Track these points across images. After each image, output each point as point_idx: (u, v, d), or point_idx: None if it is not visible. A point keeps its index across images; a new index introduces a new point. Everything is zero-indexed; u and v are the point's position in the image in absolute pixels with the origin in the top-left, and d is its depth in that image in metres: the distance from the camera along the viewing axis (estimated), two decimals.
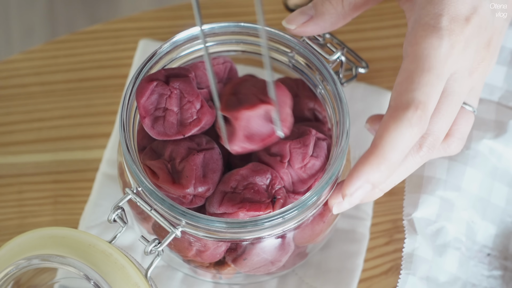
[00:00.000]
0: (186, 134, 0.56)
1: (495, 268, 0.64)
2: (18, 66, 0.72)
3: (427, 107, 0.51)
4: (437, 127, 0.53)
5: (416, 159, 0.54)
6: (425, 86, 0.51)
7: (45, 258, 0.51)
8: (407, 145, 0.51)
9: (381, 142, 0.51)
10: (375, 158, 0.51)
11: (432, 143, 0.53)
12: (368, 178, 0.51)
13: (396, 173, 0.54)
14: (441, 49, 0.52)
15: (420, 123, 0.51)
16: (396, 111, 0.51)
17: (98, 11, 1.33)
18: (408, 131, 0.51)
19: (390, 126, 0.51)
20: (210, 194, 0.55)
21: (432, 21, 0.52)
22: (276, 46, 0.59)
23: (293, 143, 0.56)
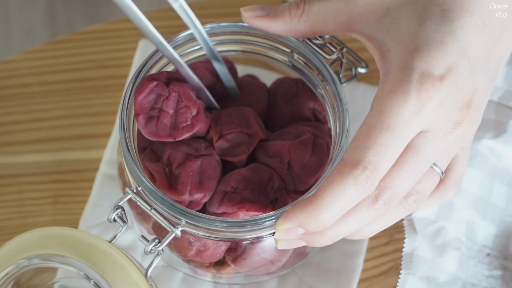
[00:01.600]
0: (177, 138, 0.55)
1: (495, 268, 0.64)
2: (18, 66, 0.72)
3: (378, 168, 0.49)
4: (398, 182, 0.50)
5: (370, 211, 0.51)
6: (381, 146, 0.49)
7: (45, 258, 0.51)
8: (348, 203, 0.49)
9: (322, 194, 0.49)
10: (312, 208, 0.49)
11: (389, 197, 0.50)
12: (300, 224, 0.50)
13: (347, 223, 0.51)
14: (407, 106, 0.49)
15: (367, 184, 0.49)
16: (345, 167, 0.49)
17: (98, 11, 1.33)
18: (351, 190, 0.49)
19: (335, 181, 0.49)
20: (206, 200, 0.55)
21: (401, 75, 0.49)
22: (276, 46, 0.59)
23: (292, 143, 0.56)
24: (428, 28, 0.50)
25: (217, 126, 0.57)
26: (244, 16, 0.56)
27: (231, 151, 0.56)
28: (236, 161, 0.56)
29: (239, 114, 0.57)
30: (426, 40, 0.50)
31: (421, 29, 0.50)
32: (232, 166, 0.57)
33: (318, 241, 0.52)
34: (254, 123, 0.57)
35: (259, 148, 0.57)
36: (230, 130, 0.57)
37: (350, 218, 0.51)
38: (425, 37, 0.50)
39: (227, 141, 0.57)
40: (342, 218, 0.51)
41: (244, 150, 0.56)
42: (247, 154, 0.56)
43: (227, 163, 0.57)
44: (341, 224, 0.51)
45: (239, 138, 0.57)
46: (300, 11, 0.54)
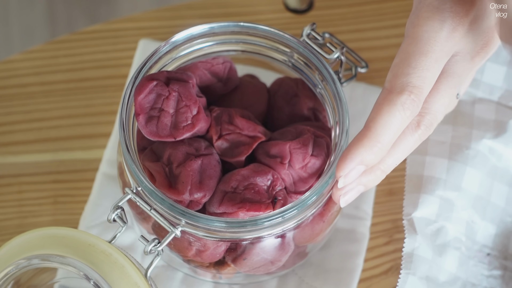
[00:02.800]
0: (177, 137, 0.55)
1: (495, 268, 0.64)
2: (18, 66, 0.72)
3: (422, 91, 0.51)
4: (435, 107, 0.54)
5: (414, 137, 0.54)
6: (422, 70, 0.51)
7: (45, 258, 0.51)
8: (399, 128, 0.52)
9: (374, 124, 0.51)
10: (368, 140, 0.51)
11: (429, 121, 0.54)
12: (361, 160, 0.52)
13: (396, 152, 0.54)
14: (442, 32, 0.52)
15: (413, 107, 0.51)
16: (390, 94, 0.51)
17: (98, 11, 1.33)
18: (401, 114, 0.51)
19: (383, 109, 0.51)
20: (206, 200, 0.55)
21: (436, 2, 0.52)
22: (275, 45, 0.59)
23: (292, 143, 0.56)
24: None
25: (217, 126, 0.57)
26: None
27: (229, 152, 0.56)
28: (235, 162, 0.56)
29: (240, 114, 0.57)
30: None
31: None
32: (231, 166, 0.57)
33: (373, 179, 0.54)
34: (255, 125, 0.57)
35: (259, 148, 0.57)
36: (229, 130, 0.57)
37: (398, 146, 0.53)
38: None
39: (226, 141, 0.57)
40: (391, 148, 0.53)
41: (243, 151, 0.56)
42: (245, 155, 0.56)
43: (227, 163, 0.57)
44: (391, 154, 0.53)
45: (238, 139, 0.57)
46: None
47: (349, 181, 0.53)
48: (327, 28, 0.73)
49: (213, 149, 0.56)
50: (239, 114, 0.57)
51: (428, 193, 0.63)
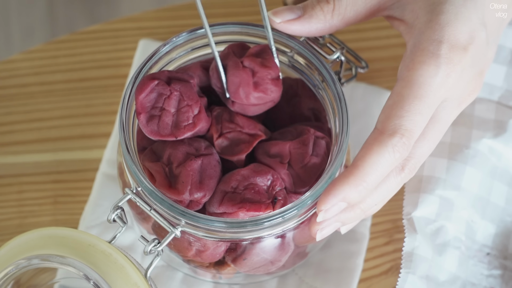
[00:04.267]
0: (178, 136, 0.55)
1: (494, 267, 0.64)
2: (18, 66, 0.72)
3: (413, 135, 0.52)
4: (420, 151, 0.54)
5: (397, 180, 0.54)
6: (415, 114, 0.51)
7: (45, 258, 0.51)
8: (387, 169, 0.52)
9: (362, 163, 0.51)
10: (354, 178, 0.51)
11: (414, 166, 0.54)
12: (344, 197, 0.52)
13: (378, 193, 0.54)
14: (437, 77, 0.52)
15: (403, 150, 0.51)
16: (382, 135, 0.51)
17: (98, 11, 1.33)
18: (391, 157, 0.51)
19: (373, 149, 0.51)
20: (206, 200, 0.55)
21: (432, 47, 0.52)
22: (275, 46, 0.59)
23: (292, 143, 0.56)
24: (456, 3, 0.53)
25: (218, 125, 0.57)
26: (276, 22, 0.56)
27: (230, 150, 0.56)
28: (235, 160, 0.56)
29: (241, 116, 0.57)
30: (455, 14, 0.53)
31: (450, 3, 0.53)
32: (231, 165, 0.57)
33: (352, 217, 0.54)
34: (255, 123, 0.57)
35: (259, 148, 0.57)
36: (230, 128, 0.57)
37: (381, 187, 0.53)
38: (454, 11, 0.53)
39: (226, 139, 0.57)
40: (374, 193, 0.53)
41: (243, 149, 0.56)
42: (245, 153, 0.56)
43: (227, 162, 0.57)
44: (373, 195, 0.53)
45: (239, 137, 0.57)
46: (331, 6, 0.55)
47: (328, 216, 0.53)
48: None
49: (213, 149, 0.56)
50: None
51: (428, 193, 0.63)
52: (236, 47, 0.57)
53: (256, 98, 0.56)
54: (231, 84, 0.56)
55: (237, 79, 0.56)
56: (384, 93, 0.70)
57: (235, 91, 0.56)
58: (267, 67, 0.56)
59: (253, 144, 0.56)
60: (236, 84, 0.56)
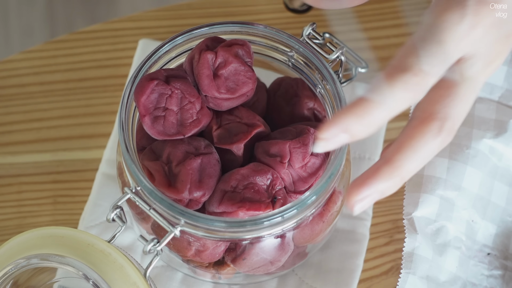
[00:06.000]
0: (186, 134, 0.55)
1: (495, 267, 0.64)
2: (18, 66, 0.72)
3: (428, 77, 0.50)
4: (456, 111, 0.52)
5: (436, 142, 0.51)
6: (432, 56, 0.50)
7: (44, 258, 0.51)
8: (396, 106, 0.50)
9: (371, 95, 0.49)
10: (361, 110, 0.49)
11: (451, 127, 0.52)
12: (347, 127, 0.49)
13: (417, 159, 0.51)
14: (460, 26, 0.50)
15: (416, 90, 0.50)
16: (395, 70, 0.50)
17: (97, 11, 1.33)
18: (402, 93, 0.49)
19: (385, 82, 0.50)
20: (206, 199, 0.55)
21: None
22: (275, 45, 0.59)
23: (292, 143, 0.56)
24: None
25: (218, 118, 0.57)
26: None
27: (228, 139, 0.56)
28: (234, 149, 0.56)
29: (240, 108, 0.57)
30: None
31: None
32: (230, 159, 0.57)
33: (391, 186, 0.51)
34: (255, 114, 0.57)
35: (259, 147, 0.56)
36: (229, 120, 0.57)
37: (419, 153, 0.51)
38: None
39: (225, 130, 0.56)
40: (411, 153, 0.51)
41: (242, 137, 0.56)
42: (244, 141, 0.56)
43: (226, 154, 0.57)
44: (412, 161, 0.51)
45: (237, 127, 0.56)
46: None
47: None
48: (327, 28, 0.73)
49: (213, 148, 0.56)
50: (240, 107, 0.58)
51: (429, 193, 0.63)
52: (210, 40, 0.57)
53: (226, 91, 0.56)
54: (200, 77, 0.56)
55: (203, 71, 0.56)
56: None
57: (203, 84, 0.56)
58: (239, 58, 0.56)
59: (251, 133, 0.56)
60: (203, 76, 0.56)
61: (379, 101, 0.49)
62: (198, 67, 0.56)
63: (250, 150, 0.57)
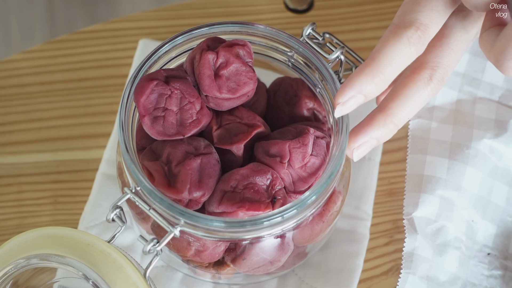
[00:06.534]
0: (186, 134, 0.55)
1: (495, 267, 0.64)
2: (18, 66, 0.72)
3: (428, 30, 0.52)
4: (446, 60, 0.54)
5: (427, 90, 0.54)
6: (430, 10, 0.52)
7: (44, 258, 0.51)
8: (403, 62, 0.52)
9: (378, 55, 0.52)
10: (370, 69, 0.52)
11: (441, 75, 0.54)
12: (361, 89, 0.52)
13: (409, 105, 0.54)
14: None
15: (419, 43, 0.52)
16: (398, 28, 0.52)
17: (97, 11, 1.33)
18: (406, 49, 0.52)
19: (389, 41, 0.52)
20: (205, 199, 0.55)
21: None
22: (275, 45, 0.59)
23: (292, 143, 0.56)
24: None
25: (218, 118, 0.57)
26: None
27: (228, 139, 0.56)
28: (234, 149, 0.56)
29: (241, 108, 0.57)
30: None
31: None
32: (230, 159, 0.57)
33: (386, 133, 0.54)
34: (255, 114, 0.57)
35: (259, 147, 0.56)
36: (229, 120, 0.57)
37: (411, 99, 0.54)
38: None
39: (225, 130, 0.56)
40: (404, 100, 0.54)
41: (242, 138, 0.56)
42: (244, 141, 0.56)
43: (226, 155, 0.57)
44: (404, 107, 0.54)
45: (237, 128, 0.56)
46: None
47: (346, 111, 0.53)
48: (327, 28, 0.73)
49: (213, 148, 0.56)
50: (240, 108, 0.57)
51: (429, 193, 0.63)
52: (210, 41, 0.57)
53: (227, 91, 0.56)
54: (200, 77, 0.56)
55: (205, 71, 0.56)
56: None
57: (204, 84, 0.56)
58: (240, 58, 0.56)
59: (251, 133, 0.56)
60: (204, 76, 0.56)
61: (387, 58, 0.52)
62: (199, 67, 0.56)
63: (250, 150, 0.57)
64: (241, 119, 0.57)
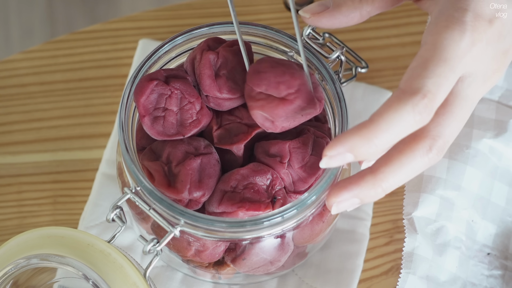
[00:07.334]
0: (186, 134, 0.55)
1: (495, 267, 0.64)
2: (18, 66, 0.72)
3: (436, 98, 0.50)
4: (449, 130, 0.52)
5: (424, 160, 0.52)
6: (438, 76, 0.50)
7: (44, 258, 0.51)
8: (403, 130, 0.50)
9: (378, 118, 0.49)
10: (366, 131, 0.49)
11: (442, 146, 0.52)
12: (351, 147, 0.49)
13: (402, 172, 0.51)
14: (462, 43, 0.51)
15: (425, 113, 0.49)
16: (403, 94, 0.49)
17: (97, 11, 1.33)
18: (410, 116, 0.49)
19: (393, 106, 0.49)
20: (205, 199, 0.55)
21: (457, 14, 0.51)
22: (275, 45, 0.59)
23: (292, 143, 0.56)
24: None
25: (218, 118, 0.57)
26: (306, 18, 0.56)
27: (228, 139, 0.56)
28: (234, 149, 0.56)
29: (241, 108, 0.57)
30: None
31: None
32: (230, 159, 0.57)
33: (372, 195, 0.51)
34: None
35: (259, 147, 0.56)
36: (230, 120, 0.57)
37: (405, 166, 0.51)
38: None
39: (225, 130, 0.56)
40: (398, 167, 0.51)
41: (242, 138, 0.56)
42: (244, 142, 0.56)
43: (226, 155, 0.57)
44: (396, 173, 0.51)
45: (238, 128, 0.56)
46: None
47: (333, 165, 0.50)
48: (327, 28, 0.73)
49: (213, 148, 0.56)
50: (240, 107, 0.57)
51: (428, 193, 0.63)
52: (211, 41, 0.57)
53: (228, 91, 0.56)
54: (201, 77, 0.56)
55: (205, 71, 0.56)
56: (384, 93, 0.70)
57: (205, 84, 0.56)
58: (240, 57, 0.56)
59: (252, 133, 0.56)
60: (205, 76, 0.56)
61: (387, 124, 0.49)
62: (200, 67, 0.56)
63: (250, 150, 0.57)
64: (241, 119, 0.57)
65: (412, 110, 0.49)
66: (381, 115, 0.49)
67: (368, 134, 0.49)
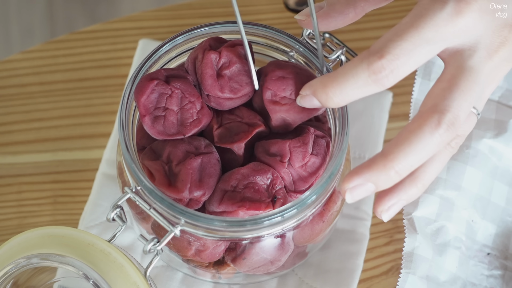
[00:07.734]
0: (186, 134, 0.55)
1: (495, 267, 0.64)
2: (18, 66, 0.72)
3: (396, 58, 0.49)
4: (456, 103, 0.50)
5: (435, 137, 0.49)
6: (405, 41, 0.49)
7: (44, 257, 0.51)
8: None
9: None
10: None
11: (451, 120, 0.49)
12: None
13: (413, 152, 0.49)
14: (442, 13, 0.49)
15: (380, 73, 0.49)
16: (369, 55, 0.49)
17: (97, 11, 1.33)
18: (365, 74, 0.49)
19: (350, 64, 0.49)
20: (206, 198, 0.55)
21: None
22: (275, 45, 0.59)
23: (292, 142, 0.56)
24: None
25: (219, 117, 0.57)
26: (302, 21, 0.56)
27: (229, 138, 0.56)
28: (234, 148, 0.56)
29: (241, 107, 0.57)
30: None
31: None
32: (231, 158, 0.57)
33: (385, 178, 0.50)
34: (256, 114, 0.57)
35: (259, 146, 0.56)
36: (230, 119, 0.57)
37: (415, 146, 0.49)
38: None
39: (226, 129, 0.56)
40: (407, 146, 0.49)
41: (242, 137, 0.56)
42: (245, 140, 0.56)
43: (227, 154, 0.57)
44: (407, 154, 0.49)
45: (238, 127, 0.56)
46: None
47: (356, 198, 0.50)
48: None
49: (213, 147, 0.56)
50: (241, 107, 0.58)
51: (428, 193, 0.63)
52: (212, 40, 0.57)
53: (229, 91, 0.56)
54: (203, 77, 0.56)
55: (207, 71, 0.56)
56: (384, 93, 0.70)
57: (206, 83, 0.56)
58: (242, 58, 0.56)
59: (252, 132, 0.56)
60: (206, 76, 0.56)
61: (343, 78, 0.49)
62: (201, 66, 0.56)
63: (250, 150, 0.57)
64: (242, 118, 0.57)
65: (367, 68, 0.49)
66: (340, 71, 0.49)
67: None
